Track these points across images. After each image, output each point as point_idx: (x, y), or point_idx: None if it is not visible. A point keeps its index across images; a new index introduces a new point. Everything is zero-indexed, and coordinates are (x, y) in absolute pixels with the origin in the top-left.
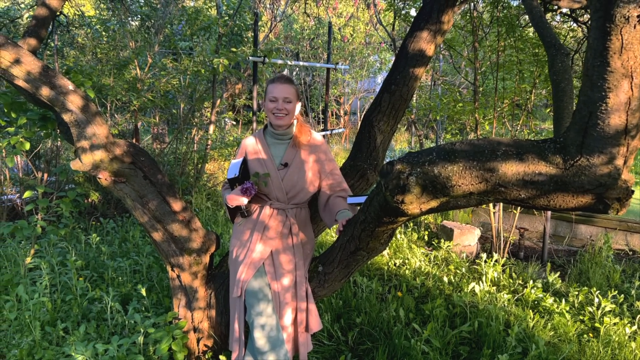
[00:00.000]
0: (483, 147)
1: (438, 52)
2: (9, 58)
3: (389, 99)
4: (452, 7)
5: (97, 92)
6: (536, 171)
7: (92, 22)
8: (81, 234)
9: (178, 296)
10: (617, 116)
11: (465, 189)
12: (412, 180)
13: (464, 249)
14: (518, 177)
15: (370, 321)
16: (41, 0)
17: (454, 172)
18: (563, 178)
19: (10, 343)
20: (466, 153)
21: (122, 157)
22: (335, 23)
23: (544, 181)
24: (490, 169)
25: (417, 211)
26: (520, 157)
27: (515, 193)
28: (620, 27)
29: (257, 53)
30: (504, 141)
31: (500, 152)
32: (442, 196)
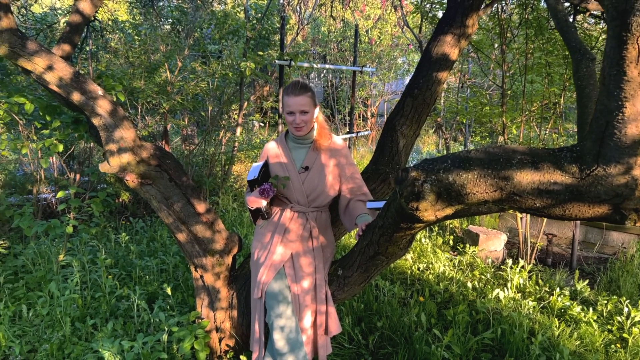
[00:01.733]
0: (498, 155)
1: (466, 54)
2: (42, 65)
3: (411, 103)
4: (476, 10)
5: (129, 95)
6: (551, 180)
7: (125, 27)
8: (111, 233)
9: (201, 296)
10: (634, 126)
11: (479, 197)
12: (426, 188)
13: (489, 255)
14: (533, 186)
15: (392, 325)
16: (75, 8)
17: (468, 180)
18: (579, 188)
19: (41, 337)
20: (481, 161)
21: (148, 160)
22: (363, 25)
23: (559, 190)
24: (505, 178)
25: (432, 218)
26: (536, 165)
27: (530, 202)
28: (637, 36)
29: (283, 56)
30: (520, 149)
31: (515, 160)
32: (457, 204)
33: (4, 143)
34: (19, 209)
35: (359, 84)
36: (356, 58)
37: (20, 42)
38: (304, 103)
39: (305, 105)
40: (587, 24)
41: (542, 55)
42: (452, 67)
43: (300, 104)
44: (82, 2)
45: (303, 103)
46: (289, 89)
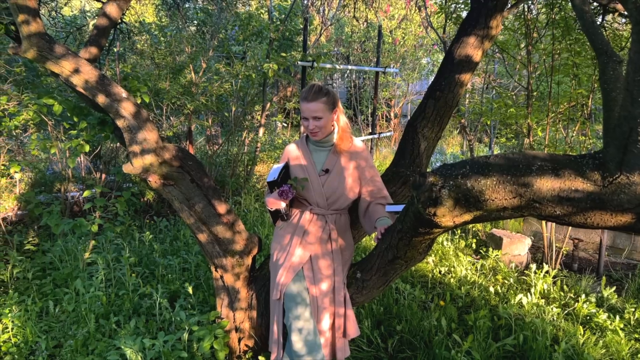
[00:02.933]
0: (518, 161)
1: (491, 55)
2: (69, 68)
3: (433, 105)
4: (500, 11)
5: (155, 96)
6: (572, 187)
7: (152, 29)
8: (136, 231)
9: (221, 296)
10: None
11: (498, 204)
12: (444, 193)
13: (513, 259)
14: (553, 193)
15: (411, 329)
16: (102, 11)
17: (487, 186)
18: (601, 196)
19: (67, 333)
20: (500, 167)
21: (170, 161)
22: (387, 26)
23: (580, 198)
24: (524, 184)
25: (450, 224)
26: (556, 172)
27: (550, 209)
28: None
29: (306, 57)
30: (540, 155)
31: (535, 166)
32: (476, 210)
33: (34, 143)
34: (47, 207)
35: (383, 84)
36: (379, 59)
37: (48, 46)
38: (317, 109)
39: (318, 111)
40: (618, 24)
41: (570, 56)
42: (475, 69)
43: (313, 110)
44: (109, 5)
45: (316, 109)
46: (304, 94)
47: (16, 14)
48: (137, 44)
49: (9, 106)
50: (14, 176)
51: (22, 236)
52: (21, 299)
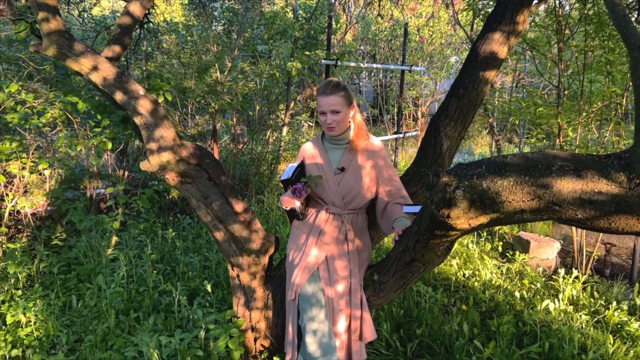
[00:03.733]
0: (537, 161)
1: (521, 52)
2: (88, 65)
3: (456, 103)
4: (528, 6)
5: (181, 94)
6: (595, 190)
7: (179, 28)
8: (159, 228)
9: (237, 295)
10: None
11: (516, 206)
12: (458, 194)
13: (541, 263)
14: (575, 196)
15: (432, 333)
16: (125, 10)
17: (504, 187)
18: (626, 199)
19: (87, 328)
20: (518, 167)
21: (188, 159)
22: (414, 24)
23: (604, 201)
24: (543, 185)
25: (465, 226)
26: (578, 173)
27: (571, 213)
28: None
29: (329, 56)
30: (561, 155)
31: (555, 167)
32: (492, 212)
33: (61, 140)
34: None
35: (410, 83)
36: (405, 57)
37: (67, 44)
38: (335, 102)
39: (336, 105)
40: None
41: (603, 53)
42: (501, 66)
43: (331, 104)
44: (132, 4)
45: (334, 102)
46: (321, 89)
47: (36, 11)
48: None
49: (35, 104)
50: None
51: (49, 231)
52: (45, 293)
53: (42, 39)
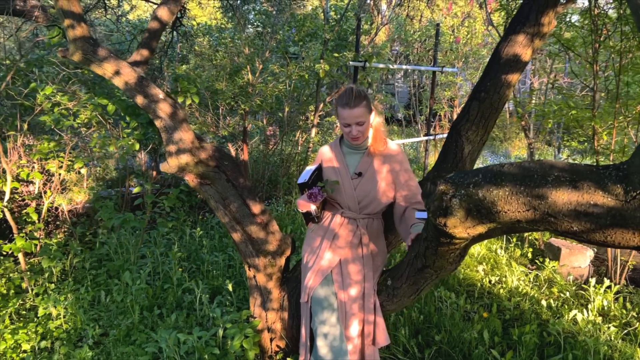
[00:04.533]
0: (533, 170)
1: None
2: (111, 70)
3: (477, 107)
4: (553, 7)
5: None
6: (591, 202)
7: (213, 31)
8: (187, 227)
9: (254, 295)
10: None
11: (512, 216)
12: (455, 203)
13: (572, 271)
14: (570, 207)
15: (451, 340)
16: (154, 15)
17: (499, 196)
18: (622, 212)
19: (113, 323)
20: (514, 176)
21: (207, 161)
22: (449, 24)
23: (599, 214)
24: (538, 196)
25: (464, 235)
26: (574, 184)
27: (567, 225)
28: None
29: (357, 57)
30: (559, 165)
31: (551, 177)
32: (488, 222)
33: (94, 141)
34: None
35: (445, 84)
36: (436, 58)
37: (91, 49)
38: (359, 114)
39: (361, 117)
40: None
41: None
42: (524, 69)
43: (356, 116)
44: (160, 9)
45: (359, 114)
46: (344, 100)
47: (62, 18)
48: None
49: (70, 105)
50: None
51: (84, 228)
52: (76, 287)
53: (69, 45)
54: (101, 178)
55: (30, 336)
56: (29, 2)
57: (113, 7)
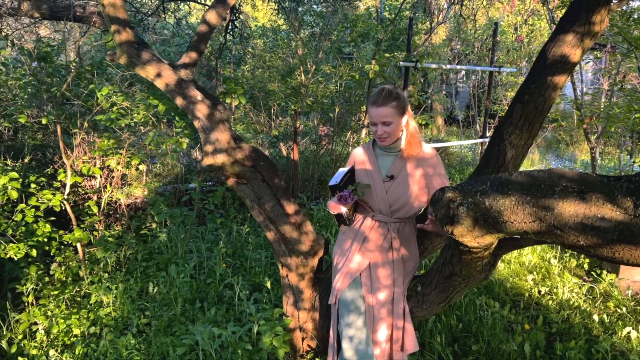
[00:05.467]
0: (541, 180)
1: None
2: (153, 72)
3: (521, 110)
4: (605, 4)
5: (266, 96)
6: (598, 215)
7: (269, 33)
8: (235, 224)
9: (287, 294)
10: None
11: (518, 227)
12: (462, 211)
13: (632, 285)
14: (576, 220)
15: (488, 351)
16: (203, 19)
17: (505, 206)
18: (630, 227)
19: (156, 314)
20: (521, 186)
21: (243, 161)
22: (512, 22)
23: (606, 228)
24: (545, 207)
25: (475, 244)
26: (582, 195)
27: (573, 238)
28: None
29: (408, 58)
30: (568, 175)
31: (559, 187)
32: (496, 232)
33: (149, 139)
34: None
35: (506, 84)
36: (493, 57)
37: (136, 53)
38: (386, 114)
39: (387, 117)
40: None
41: None
42: (572, 70)
43: (382, 115)
44: (209, 13)
45: (385, 114)
46: (373, 98)
47: (109, 24)
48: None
49: (124, 105)
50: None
51: (140, 222)
52: (126, 278)
53: (116, 49)
54: (161, 174)
55: (82, 322)
56: (87, 8)
57: (173, 10)
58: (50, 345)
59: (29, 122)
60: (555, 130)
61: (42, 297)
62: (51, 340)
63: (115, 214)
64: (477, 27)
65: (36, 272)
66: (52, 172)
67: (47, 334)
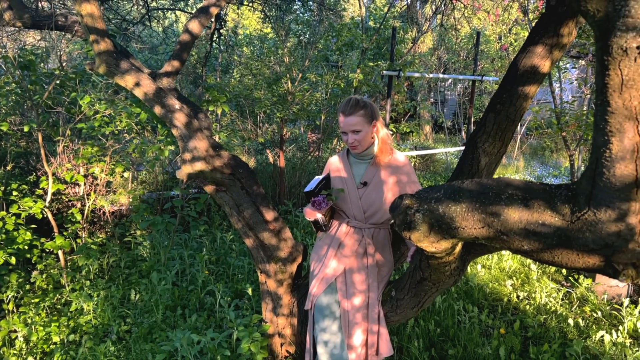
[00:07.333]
0: (489, 188)
1: None
2: (131, 82)
3: (494, 119)
4: (573, 18)
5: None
6: (540, 221)
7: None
8: (219, 231)
9: (266, 300)
10: (623, 165)
11: (469, 232)
12: (418, 217)
13: (608, 290)
14: (520, 226)
15: (465, 356)
16: (185, 28)
17: (457, 212)
18: (567, 232)
19: (137, 321)
20: (471, 193)
21: (221, 169)
22: (497, 32)
23: (547, 233)
24: (492, 213)
25: (432, 250)
26: (526, 202)
27: (518, 243)
28: (619, 61)
29: (392, 67)
30: (514, 183)
31: (505, 195)
32: (450, 237)
33: (132, 146)
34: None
35: (491, 92)
36: (476, 66)
37: (115, 62)
38: (354, 122)
39: (356, 125)
40: None
41: None
42: (542, 81)
43: (351, 124)
44: (191, 23)
45: (354, 122)
46: (341, 108)
47: (88, 34)
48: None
49: (106, 113)
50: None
51: (124, 229)
52: (108, 285)
53: (95, 58)
54: (146, 182)
55: (61, 329)
56: (70, 17)
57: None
58: (29, 353)
59: (12, 130)
60: (540, 138)
61: (23, 305)
62: (30, 348)
63: (99, 221)
64: (462, 36)
65: (17, 280)
66: (35, 179)
67: (26, 341)
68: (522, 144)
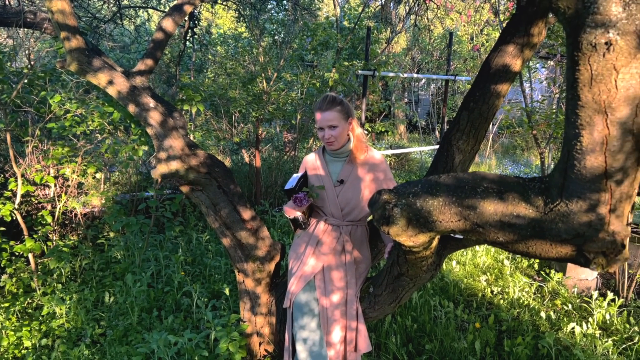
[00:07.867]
0: (465, 182)
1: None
2: (104, 80)
3: (467, 117)
4: (543, 17)
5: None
6: (514, 213)
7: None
8: (195, 232)
9: (244, 300)
10: (593, 157)
11: (446, 226)
12: (396, 212)
13: (578, 284)
14: (496, 218)
15: (441, 350)
16: (159, 26)
17: (434, 206)
18: (541, 223)
19: (112, 323)
20: (448, 187)
21: (198, 168)
22: (469, 32)
23: (521, 225)
24: (468, 207)
25: (410, 244)
26: (501, 195)
27: (494, 235)
28: (588, 56)
29: (367, 66)
30: (489, 177)
31: (480, 188)
32: (427, 231)
33: (105, 146)
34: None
35: (464, 91)
36: (449, 66)
37: (87, 60)
38: (331, 118)
39: (333, 120)
40: None
41: None
42: (514, 79)
43: (328, 119)
44: (165, 20)
45: (331, 118)
46: (318, 104)
47: (58, 31)
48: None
49: (77, 113)
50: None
51: (96, 231)
52: (81, 288)
53: (66, 56)
54: (119, 182)
55: (33, 334)
56: (39, 14)
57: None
58: (0, 358)
59: None
60: (511, 136)
61: None
62: (1, 353)
63: (71, 223)
64: (435, 37)
65: None
66: (3, 181)
67: None
68: (494, 143)
